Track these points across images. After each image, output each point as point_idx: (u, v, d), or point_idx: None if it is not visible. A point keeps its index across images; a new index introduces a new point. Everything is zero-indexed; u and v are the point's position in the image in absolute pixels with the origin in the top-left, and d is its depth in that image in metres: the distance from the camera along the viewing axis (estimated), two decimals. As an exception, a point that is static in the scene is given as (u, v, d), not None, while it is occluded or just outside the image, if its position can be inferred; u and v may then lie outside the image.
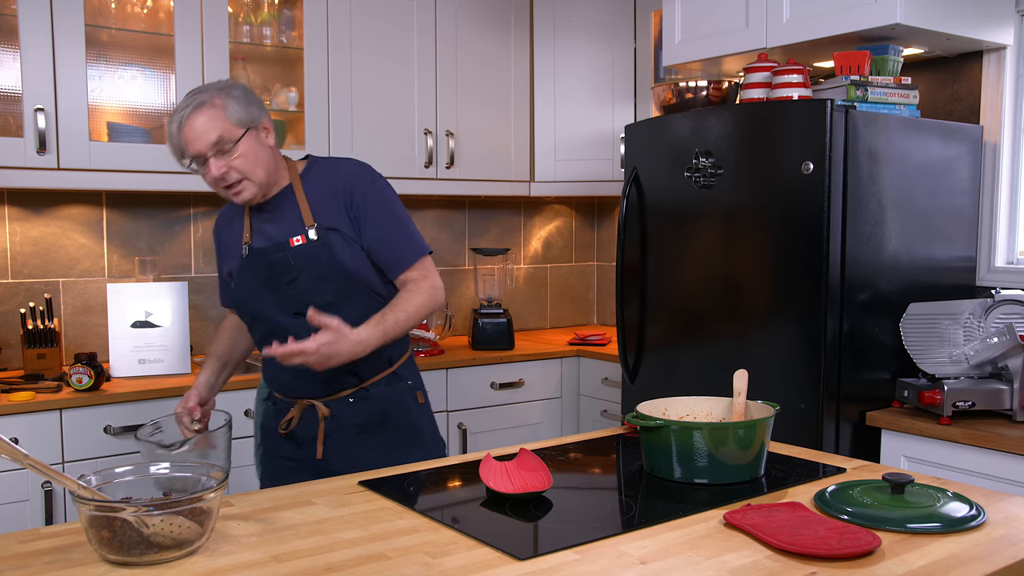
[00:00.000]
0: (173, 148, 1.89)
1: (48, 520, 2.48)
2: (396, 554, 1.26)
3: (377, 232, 1.95)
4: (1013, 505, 1.46)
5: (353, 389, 1.99)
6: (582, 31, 3.69)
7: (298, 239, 1.92)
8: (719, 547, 1.28)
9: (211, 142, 1.83)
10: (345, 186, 1.96)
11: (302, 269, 1.91)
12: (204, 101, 1.84)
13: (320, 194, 1.96)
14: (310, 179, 1.99)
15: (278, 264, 1.93)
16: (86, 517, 1.22)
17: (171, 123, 1.86)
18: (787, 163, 2.44)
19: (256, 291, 1.97)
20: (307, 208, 1.94)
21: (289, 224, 1.95)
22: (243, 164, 1.87)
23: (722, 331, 2.64)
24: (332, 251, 1.91)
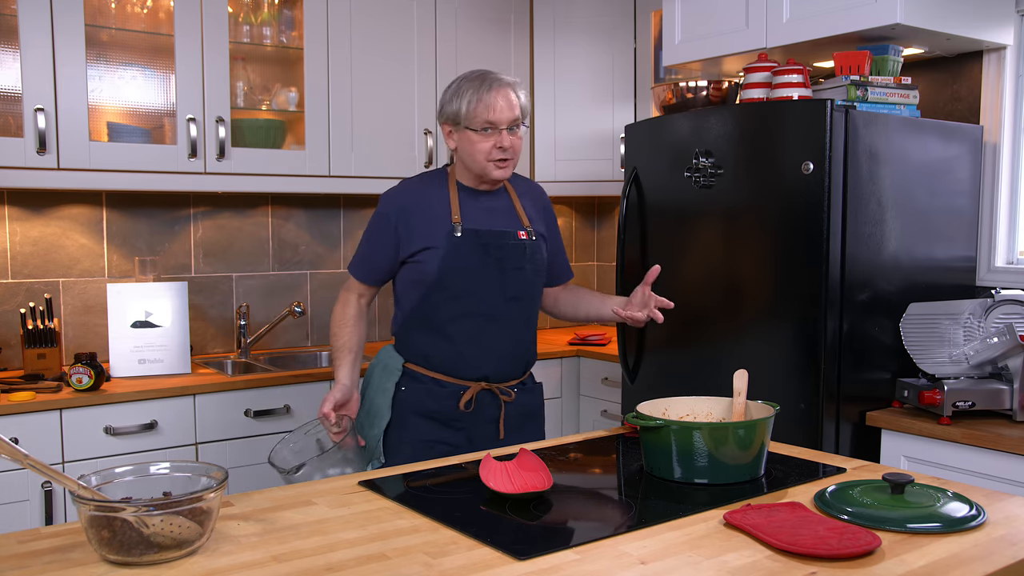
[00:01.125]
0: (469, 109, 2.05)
1: (48, 520, 2.48)
2: (396, 554, 1.26)
3: (558, 245, 2.34)
4: (1013, 505, 1.46)
5: (519, 380, 2.23)
6: (582, 31, 3.69)
7: (523, 234, 2.16)
8: (719, 547, 1.28)
9: (513, 117, 2.07)
10: (545, 202, 2.31)
11: (529, 259, 2.16)
12: (509, 82, 2.08)
13: (527, 202, 2.24)
14: (517, 187, 2.25)
15: (511, 250, 2.13)
16: (86, 517, 1.22)
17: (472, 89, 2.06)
18: (787, 163, 2.44)
19: (473, 270, 2.10)
20: (522, 210, 2.21)
21: (509, 218, 2.18)
22: (519, 146, 2.11)
23: (722, 331, 2.64)
24: (542, 251, 2.21)
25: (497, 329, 2.15)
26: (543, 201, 2.31)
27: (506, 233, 2.14)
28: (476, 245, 2.11)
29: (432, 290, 2.12)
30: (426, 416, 2.14)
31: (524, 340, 2.22)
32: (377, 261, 2.20)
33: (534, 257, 2.18)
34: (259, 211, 3.44)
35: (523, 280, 2.16)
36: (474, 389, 2.13)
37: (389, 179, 3.35)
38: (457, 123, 2.09)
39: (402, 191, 2.20)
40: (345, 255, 3.64)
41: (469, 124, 2.06)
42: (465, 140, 2.09)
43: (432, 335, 2.15)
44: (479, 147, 2.07)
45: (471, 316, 2.12)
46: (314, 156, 3.18)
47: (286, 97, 3.24)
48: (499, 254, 2.12)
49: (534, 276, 2.19)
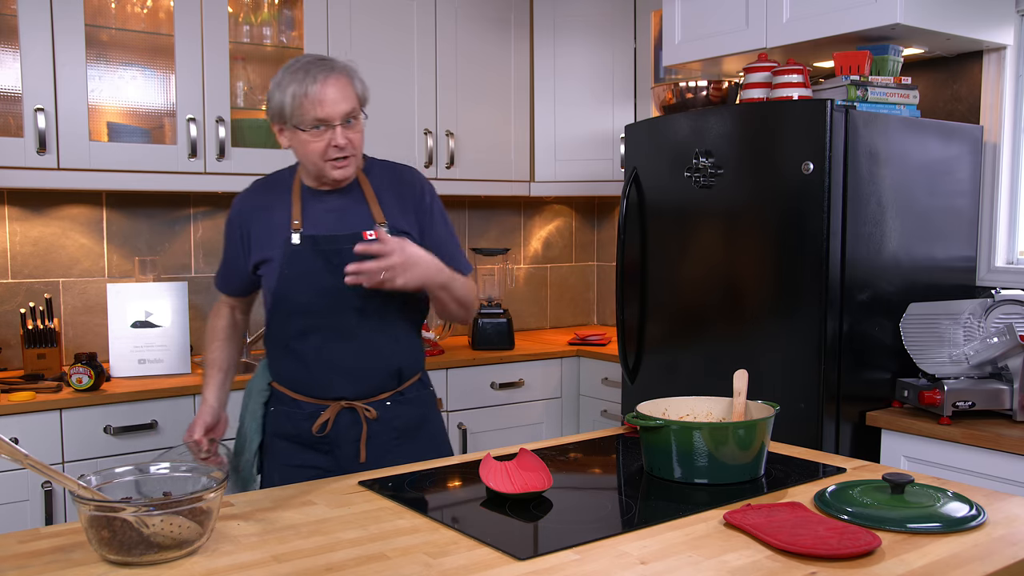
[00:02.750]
0: (295, 106, 1.81)
1: (48, 520, 2.48)
2: (396, 554, 1.26)
3: (440, 239, 1.98)
4: (1013, 505, 1.46)
5: (391, 392, 1.95)
6: (582, 31, 3.69)
7: (371, 234, 1.89)
8: (719, 547, 1.28)
9: (344, 111, 1.83)
10: (414, 191, 1.98)
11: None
12: (336, 68, 1.85)
13: (387, 195, 1.96)
14: (376, 179, 1.97)
15: (350, 255, 1.82)
16: (86, 517, 1.22)
17: (296, 82, 1.81)
18: (787, 163, 2.44)
19: (314, 281, 1.88)
20: (376, 205, 1.93)
21: (358, 217, 1.92)
22: (358, 140, 1.88)
23: (722, 331, 2.64)
24: None
25: (350, 345, 1.90)
26: (415, 191, 1.98)
27: (348, 236, 1.88)
28: (315, 253, 1.88)
29: (275, 305, 1.92)
30: (290, 439, 1.96)
31: (389, 352, 1.93)
32: (232, 270, 2.02)
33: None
34: (259, 211, 3.44)
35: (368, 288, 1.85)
36: (332, 410, 1.91)
37: (389, 179, 3.35)
38: (285, 122, 1.85)
39: (246, 195, 2.01)
40: (345, 255, 3.63)
41: (297, 123, 1.82)
42: (296, 140, 1.86)
43: (284, 354, 1.95)
44: (312, 147, 1.83)
45: (317, 332, 1.90)
46: (314, 156, 3.17)
47: (286, 97, 3.24)
48: (337, 260, 1.85)
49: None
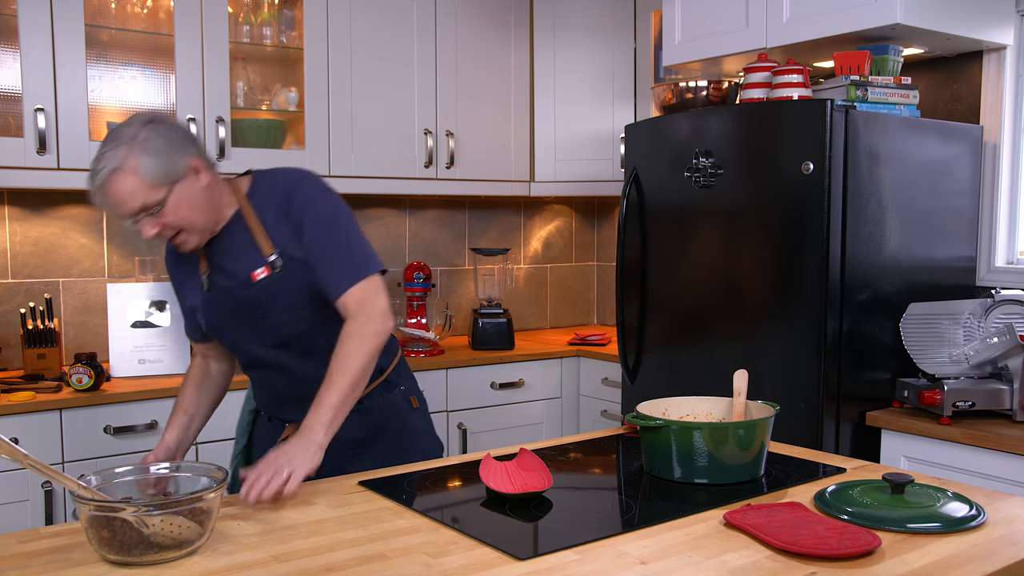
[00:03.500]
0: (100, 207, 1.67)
1: (48, 520, 2.48)
2: (396, 554, 1.26)
3: (313, 248, 1.74)
4: (1013, 505, 1.46)
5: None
6: (582, 31, 3.69)
7: (261, 272, 1.75)
8: (719, 547, 1.28)
9: (134, 209, 1.64)
10: (292, 200, 1.76)
11: (272, 304, 1.76)
12: (116, 167, 1.60)
13: (271, 216, 1.77)
14: (258, 200, 1.79)
15: (245, 301, 1.77)
16: (86, 517, 1.22)
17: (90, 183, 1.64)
18: (787, 163, 2.44)
19: (227, 325, 1.84)
20: (263, 235, 1.76)
21: (248, 256, 1.77)
22: (175, 219, 1.67)
23: (722, 331, 2.64)
24: (299, 278, 1.75)
25: (282, 376, 1.85)
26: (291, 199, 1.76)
27: (243, 282, 1.77)
28: (221, 299, 1.81)
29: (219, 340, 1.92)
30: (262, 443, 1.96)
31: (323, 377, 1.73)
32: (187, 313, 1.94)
33: (281, 294, 1.75)
34: (259, 211, 3.44)
35: (277, 324, 1.78)
36: (290, 429, 1.89)
37: (389, 179, 3.35)
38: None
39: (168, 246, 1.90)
40: (345, 255, 3.63)
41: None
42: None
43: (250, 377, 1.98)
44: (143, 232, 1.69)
45: (250, 367, 1.90)
46: (314, 156, 3.18)
47: (286, 97, 3.24)
48: (241, 305, 1.78)
49: (293, 313, 1.77)
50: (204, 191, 1.71)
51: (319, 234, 1.74)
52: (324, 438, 1.61)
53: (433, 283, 3.66)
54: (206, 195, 1.71)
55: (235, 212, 1.79)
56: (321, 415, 1.62)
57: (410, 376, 2.06)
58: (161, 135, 1.64)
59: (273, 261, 1.75)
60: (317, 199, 1.77)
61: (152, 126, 1.65)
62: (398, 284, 3.59)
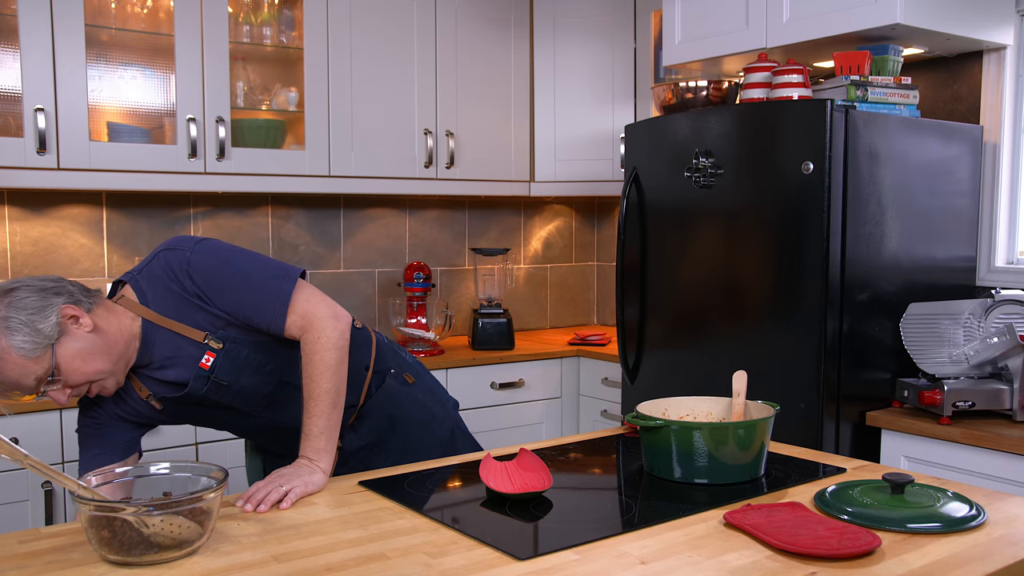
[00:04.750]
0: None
1: (48, 520, 2.48)
2: (396, 554, 1.26)
3: (229, 307, 1.65)
4: (1013, 505, 1.46)
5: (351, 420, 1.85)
6: (582, 31, 3.69)
7: (207, 359, 1.65)
8: (719, 547, 1.28)
9: (32, 386, 1.53)
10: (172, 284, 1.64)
11: (237, 378, 1.68)
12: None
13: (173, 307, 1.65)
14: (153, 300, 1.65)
15: (212, 392, 1.68)
16: (86, 517, 1.22)
17: None
18: (787, 163, 2.44)
19: (204, 418, 1.78)
20: (182, 327, 1.65)
21: (184, 354, 1.66)
22: (78, 376, 1.55)
23: (722, 331, 2.64)
24: (242, 340, 1.67)
25: (280, 430, 1.80)
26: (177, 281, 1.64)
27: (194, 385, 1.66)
28: (182, 406, 1.71)
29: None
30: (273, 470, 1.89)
31: None
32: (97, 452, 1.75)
33: (238, 363, 1.67)
34: (259, 211, 3.44)
35: (252, 393, 1.71)
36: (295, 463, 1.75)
37: (389, 179, 3.35)
38: None
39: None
40: (345, 255, 3.64)
41: None
42: None
43: None
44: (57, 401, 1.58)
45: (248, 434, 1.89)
46: (314, 156, 3.18)
47: (286, 97, 3.24)
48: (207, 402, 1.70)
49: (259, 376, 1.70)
50: (93, 335, 1.56)
51: (223, 292, 1.64)
52: (325, 463, 1.61)
53: (433, 283, 3.66)
54: (97, 337, 1.57)
55: (142, 326, 1.64)
56: (314, 443, 1.61)
57: (395, 353, 1.99)
58: (17, 307, 1.50)
59: (210, 344, 1.65)
60: (196, 263, 1.65)
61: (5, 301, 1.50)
62: (398, 284, 3.59)
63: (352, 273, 3.66)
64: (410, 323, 3.45)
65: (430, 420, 1.95)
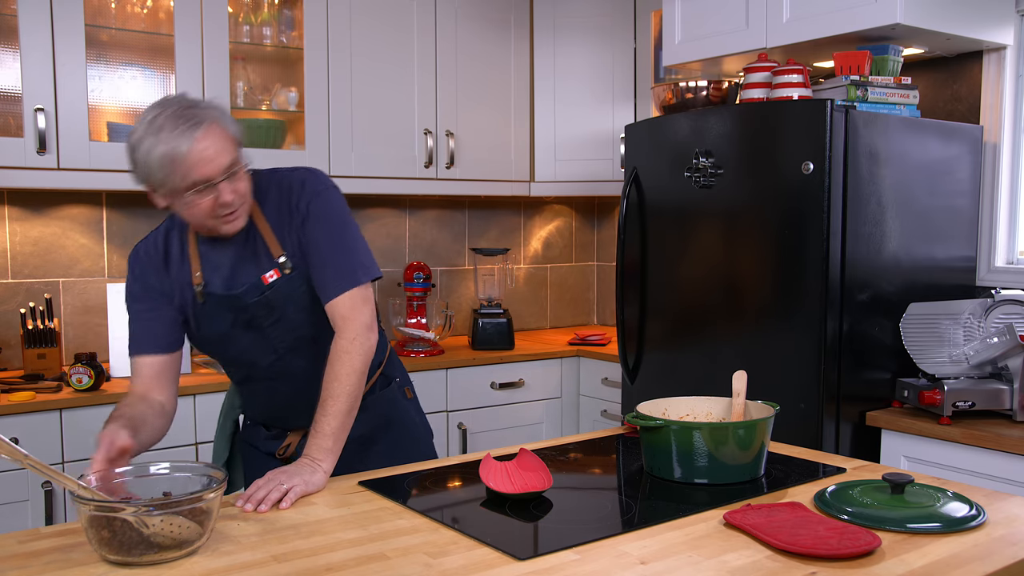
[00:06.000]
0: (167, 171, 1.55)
1: (48, 520, 2.48)
2: (396, 554, 1.26)
3: (314, 245, 1.70)
4: (1013, 505, 1.46)
5: None
6: (582, 31, 3.69)
7: (271, 275, 1.70)
8: (719, 547, 1.28)
9: (224, 166, 1.58)
10: (292, 197, 1.72)
11: (285, 306, 1.71)
12: (204, 119, 1.55)
13: (274, 214, 1.72)
14: (262, 198, 1.73)
15: (258, 307, 1.71)
16: (86, 517, 1.22)
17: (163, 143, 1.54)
18: (787, 163, 2.44)
19: (229, 335, 1.76)
20: (271, 235, 1.71)
21: (256, 259, 1.72)
22: (245, 189, 1.64)
23: (722, 331, 2.64)
24: (308, 278, 1.72)
25: (288, 384, 1.81)
26: (294, 198, 1.72)
27: (246, 291, 1.70)
28: (222, 309, 1.72)
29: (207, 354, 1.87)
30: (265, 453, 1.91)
31: None
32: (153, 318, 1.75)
33: (294, 295, 1.72)
34: (259, 211, 3.44)
35: (289, 328, 1.74)
36: (293, 436, 1.87)
37: (389, 179, 3.35)
38: (156, 187, 1.62)
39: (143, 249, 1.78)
40: (345, 255, 3.63)
41: (173, 188, 1.58)
42: (176, 203, 1.62)
43: (238, 390, 1.92)
44: (197, 208, 1.60)
45: (252, 379, 1.83)
46: (314, 156, 3.18)
47: (286, 97, 3.24)
48: (246, 316, 1.72)
49: (306, 317, 1.74)
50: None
51: (321, 232, 1.70)
52: (328, 464, 1.61)
53: (433, 283, 3.67)
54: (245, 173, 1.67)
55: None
56: (321, 442, 1.61)
57: (401, 367, 2.05)
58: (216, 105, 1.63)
59: (283, 263, 1.70)
60: (322, 195, 1.72)
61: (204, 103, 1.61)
62: (398, 284, 3.59)
63: (352, 273, 3.66)
64: (410, 323, 3.45)
65: (418, 439, 2.00)
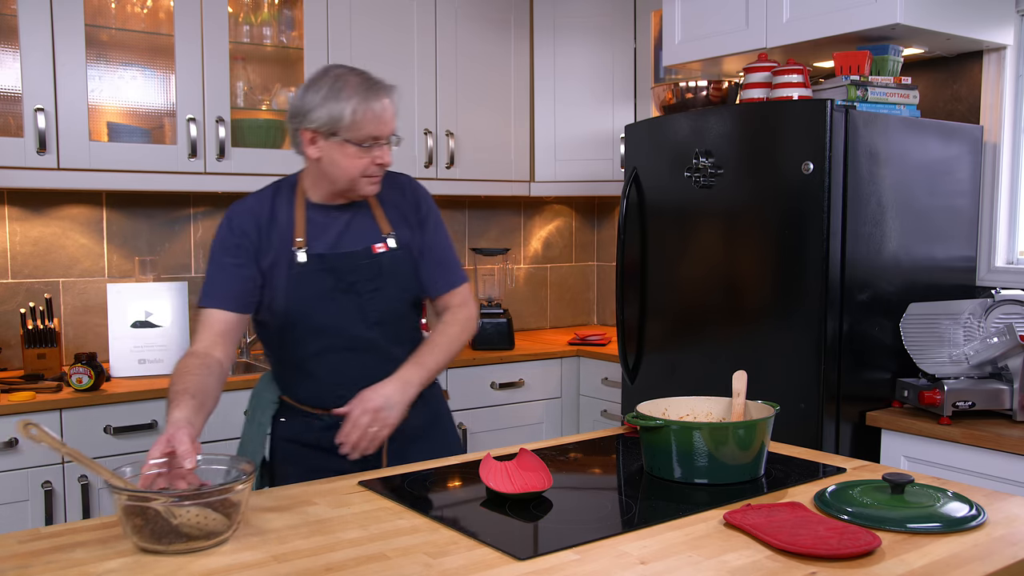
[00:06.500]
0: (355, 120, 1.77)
1: (48, 520, 2.48)
2: (396, 554, 1.26)
3: (431, 248, 1.95)
4: (1013, 505, 1.46)
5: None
6: (582, 31, 3.69)
7: (380, 246, 1.88)
8: (719, 547, 1.28)
9: (393, 130, 1.84)
10: (412, 197, 1.96)
11: (389, 277, 1.88)
12: (391, 89, 1.86)
13: (389, 204, 1.93)
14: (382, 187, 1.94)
15: (365, 270, 1.85)
16: (121, 507, 1.26)
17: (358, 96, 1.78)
18: (787, 163, 2.44)
19: (324, 300, 1.84)
20: (383, 215, 1.92)
21: (365, 230, 1.89)
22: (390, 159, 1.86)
23: (722, 331, 2.64)
24: (410, 263, 1.92)
25: (364, 359, 1.87)
26: (413, 197, 1.96)
27: (357, 253, 1.86)
28: (323, 271, 1.83)
29: (284, 324, 1.86)
30: (309, 446, 1.92)
31: (403, 357, 1.87)
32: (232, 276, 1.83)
33: (397, 270, 1.89)
34: (259, 211, 3.44)
35: (384, 301, 1.87)
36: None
37: (389, 179, 3.35)
38: (333, 133, 1.77)
39: (244, 207, 1.87)
40: (345, 255, 3.64)
41: (349, 137, 1.76)
42: (338, 153, 1.78)
43: (294, 371, 1.92)
44: (356, 163, 1.78)
45: (331, 350, 1.87)
46: (314, 156, 3.17)
47: (286, 97, 3.24)
48: (351, 278, 1.84)
49: (400, 292, 1.90)
50: None
51: (438, 237, 1.97)
52: (415, 393, 1.79)
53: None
54: None
55: None
56: (419, 372, 1.81)
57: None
58: None
59: (389, 239, 1.90)
60: (434, 207, 2.00)
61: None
62: (398, 284, 3.59)
63: (352, 273, 3.66)
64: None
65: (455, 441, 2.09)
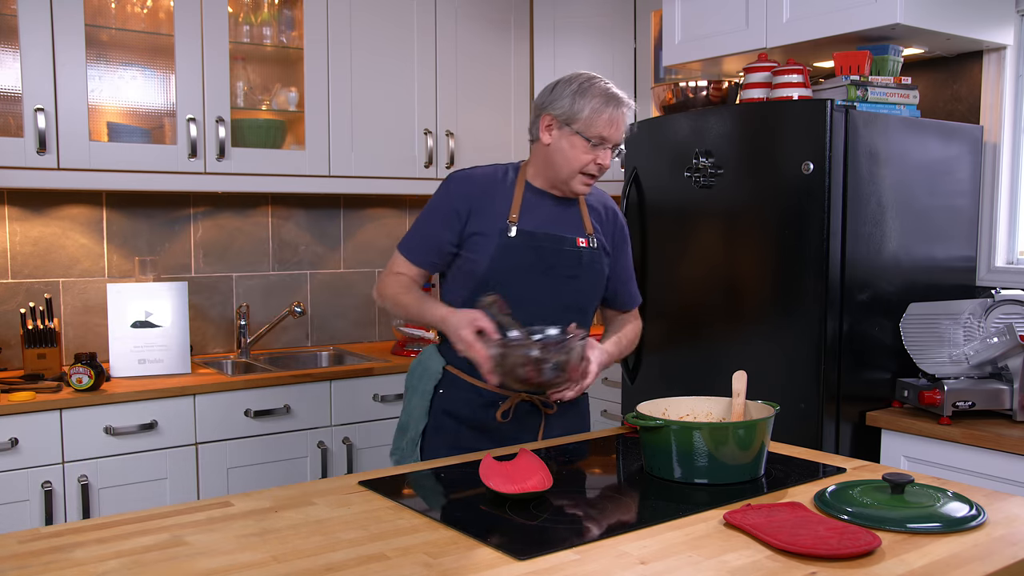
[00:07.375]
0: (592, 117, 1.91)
1: (48, 520, 2.48)
2: (396, 554, 1.26)
3: (622, 265, 2.13)
4: (1013, 505, 1.46)
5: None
6: (582, 31, 3.69)
7: (583, 241, 2.03)
8: (719, 547, 1.28)
9: (620, 139, 1.96)
10: (613, 213, 2.12)
11: (586, 271, 2.01)
12: (629, 105, 1.96)
13: (596, 214, 2.09)
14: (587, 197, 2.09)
15: (569, 257, 1.99)
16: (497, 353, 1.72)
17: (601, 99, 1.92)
18: (787, 163, 2.44)
19: (523, 274, 1.96)
20: (588, 218, 2.06)
21: (570, 224, 2.03)
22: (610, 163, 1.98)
23: (722, 331, 2.64)
24: (603, 266, 2.06)
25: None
26: (612, 216, 2.12)
27: (563, 238, 1.99)
28: (528, 248, 1.96)
29: (477, 289, 1.95)
30: (463, 422, 2.00)
31: None
32: (430, 244, 2.02)
33: (592, 267, 2.03)
34: (259, 211, 3.44)
35: (577, 289, 2.01)
36: (514, 399, 1.98)
37: (389, 179, 3.36)
38: (569, 123, 1.93)
39: (468, 177, 2.04)
40: (345, 255, 3.64)
41: (583, 131, 1.92)
42: (568, 144, 1.94)
43: None
44: (580, 157, 1.93)
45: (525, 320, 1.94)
46: (314, 156, 3.18)
47: (286, 97, 3.24)
48: (553, 259, 1.98)
49: (591, 287, 2.04)
50: None
51: (628, 258, 2.16)
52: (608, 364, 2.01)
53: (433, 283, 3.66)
54: None
55: None
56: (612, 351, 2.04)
57: None
58: None
59: (592, 238, 2.04)
60: (627, 229, 2.18)
61: None
62: (398, 284, 3.59)
63: (352, 273, 3.66)
64: (410, 323, 3.45)
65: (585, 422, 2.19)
